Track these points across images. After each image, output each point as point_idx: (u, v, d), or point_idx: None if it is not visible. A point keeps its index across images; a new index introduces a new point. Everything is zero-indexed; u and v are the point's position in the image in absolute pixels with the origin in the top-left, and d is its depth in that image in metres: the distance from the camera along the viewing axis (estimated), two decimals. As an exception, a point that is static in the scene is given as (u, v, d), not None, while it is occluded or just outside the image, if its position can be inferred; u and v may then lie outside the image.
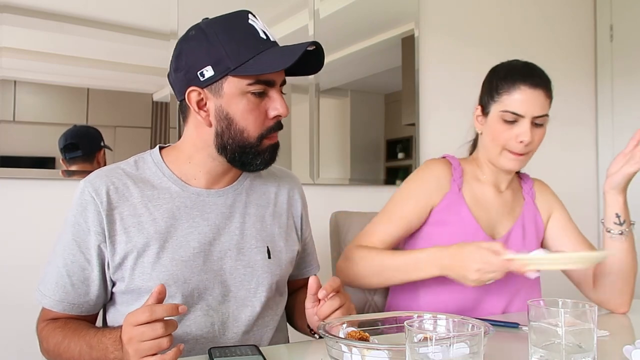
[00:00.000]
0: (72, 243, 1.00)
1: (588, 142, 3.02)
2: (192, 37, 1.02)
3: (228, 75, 0.98)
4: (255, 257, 1.09)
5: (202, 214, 1.05)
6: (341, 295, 0.98)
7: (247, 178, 1.14)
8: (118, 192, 1.01)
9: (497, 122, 1.30)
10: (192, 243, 1.03)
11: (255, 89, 0.99)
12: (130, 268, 1.00)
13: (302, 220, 1.22)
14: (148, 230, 1.00)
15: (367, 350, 0.80)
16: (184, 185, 1.06)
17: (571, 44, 2.94)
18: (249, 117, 1.00)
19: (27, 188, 1.61)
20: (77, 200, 1.01)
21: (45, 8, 1.63)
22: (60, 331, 0.98)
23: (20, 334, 1.56)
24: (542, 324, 0.80)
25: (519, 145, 1.27)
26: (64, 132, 1.67)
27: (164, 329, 0.81)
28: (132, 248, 0.99)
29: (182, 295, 1.01)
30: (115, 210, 1.00)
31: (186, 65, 1.00)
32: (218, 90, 0.99)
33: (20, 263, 1.58)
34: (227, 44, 0.97)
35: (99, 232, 0.99)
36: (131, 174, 1.05)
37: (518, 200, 1.42)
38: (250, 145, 1.02)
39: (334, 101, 2.19)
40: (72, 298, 1.01)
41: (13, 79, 1.59)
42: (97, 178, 1.02)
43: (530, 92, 1.26)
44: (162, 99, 1.81)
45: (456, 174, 1.37)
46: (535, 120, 1.27)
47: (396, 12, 2.33)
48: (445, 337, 0.68)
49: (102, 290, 1.02)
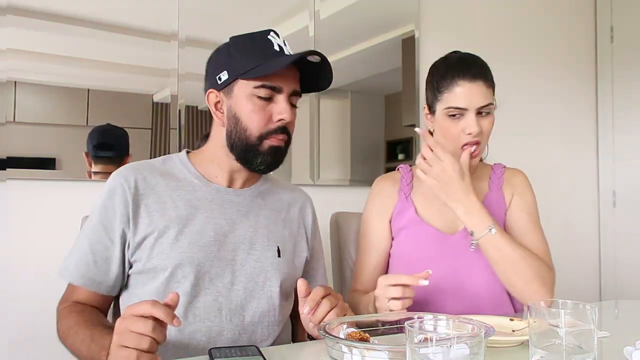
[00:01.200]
0: (99, 224, 1.08)
1: (588, 143, 3.01)
2: (219, 49, 1.16)
3: (238, 79, 1.10)
4: (265, 253, 1.15)
5: (220, 208, 1.14)
6: (331, 297, 1.01)
7: (264, 184, 1.24)
8: (146, 182, 1.11)
9: (443, 119, 1.32)
10: (209, 232, 1.10)
11: (261, 92, 1.09)
12: (150, 248, 1.06)
13: (312, 232, 1.29)
14: (170, 215, 1.09)
15: (367, 351, 0.80)
16: (206, 182, 1.16)
17: (572, 45, 2.94)
18: (253, 117, 1.09)
19: (28, 189, 1.61)
20: (107, 186, 1.10)
21: (46, 9, 1.63)
22: (75, 316, 1.03)
23: (19, 333, 1.56)
24: (542, 325, 0.80)
25: (469, 137, 1.29)
26: (94, 129, 1.69)
27: (152, 328, 0.81)
28: (153, 229, 1.07)
29: (195, 277, 1.07)
30: (141, 198, 1.09)
31: (210, 72, 1.15)
32: (230, 92, 1.12)
33: (21, 263, 1.58)
34: (242, 53, 1.10)
35: (124, 214, 1.07)
36: (159, 168, 1.15)
37: (480, 190, 1.39)
38: (251, 144, 1.11)
39: (334, 102, 2.20)
40: (94, 274, 1.07)
41: (13, 80, 1.59)
42: (127, 169, 1.12)
43: (470, 86, 1.28)
44: (163, 100, 1.81)
45: (404, 182, 1.41)
46: (481, 110, 1.28)
47: (396, 13, 2.33)
48: (446, 338, 0.67)
49: (120, 270, 1.09)
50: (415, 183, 1.40)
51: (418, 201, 1.38)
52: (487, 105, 1.28)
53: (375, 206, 1.41)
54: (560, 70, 2.87)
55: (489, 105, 1.29)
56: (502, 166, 1.47)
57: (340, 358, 0.82)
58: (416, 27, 2.36)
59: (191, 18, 1.83)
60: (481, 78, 1.29)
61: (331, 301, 1.00)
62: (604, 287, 2.99)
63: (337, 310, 1.00)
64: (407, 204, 1.37)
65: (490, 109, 1.30)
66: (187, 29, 1.83)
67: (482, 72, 1.30)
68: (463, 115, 1.28)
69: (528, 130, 2.71)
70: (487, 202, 1.38)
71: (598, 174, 3.02)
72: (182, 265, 1.06)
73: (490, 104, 1.30)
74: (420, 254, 1.33)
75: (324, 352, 0.87)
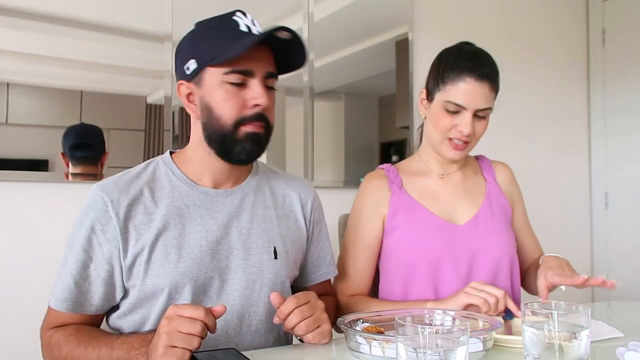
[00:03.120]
0: (85, 245, 1.01)
1: (580, 145, 3.03)
2: (185, 37, 1.08)
3: (207, 67, 1.02)
4: (261, 257, 1.10)
5: (210, 213, 1.07)
6: (305, 308, 0.98)
7: (254, 179, 1.16)
8: (135, 201, 1.03)
9: (439, 110, 1.28)
10: (200, 241, 1.04)
11: (231, 78, 1.01)
12: (143, 271, 1.00)
13: (312, 224, 1.23)
14: (158, 227, 1.02)
15: (386, 343, 0.88)
16: (193, 185, 1.09)
17: (564, 48, 2.96)
18: (226, 105, 1.02)
19: (21, 190, 1.61)
20: (93, 206, 1.01)
21: (38, 10, 1.63)
22: (73, 338, 0.98)
23: (13, 336, 1.55)
24: (536, 326, 0.81)
25: (459, 135, 1.26)
26: (68, 129, 1.66)
27: (202, 329, 0.84)
28: (143, 245, 1.00)
29: (192, 293, 1.02)
30: (129, 219, 1.01)
31: (178, 63, 1.07)
32: (200, 82, 1.04)
33: (12, 263, 1.58)
34: (208, 38, 1.02)
35: (114, 246, 1.00)
36: (144, 177, 1.07)
37: (479, 181, 1.40)
38: (228, 133, 1.03)
39: (328, 104, 2.20)
40: (79, 297, 1.00)
41: (6, 82, 1.58)
42: (116, 191, 1.02)
43: (475, 85, 1.24)
44: (156, 102, 1.81)
45: (391, 175, 1.37)
46: (478, 112, 1.25)
47: (390, 16, 2.33)
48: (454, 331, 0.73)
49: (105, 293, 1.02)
50: (403, 177, 1.37)
51: (413, 192, 1.34)
52: (486, 109, 1.26)
53: (367, 201, 1.36)
54: (552, 72, 2.89)
55: (487, 110, 1.27)
56: (485, 157, 1.47)
57: (366, 351, 0.90)
58: (410, 29, 2.37)
59: (184, 19, 1.83)
60: (488, 80, 1.25)
61: (303, 312, 0.98)
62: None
63: (309, 322, 0.98)
64: (404, 196, 1.33)
65: (487, 113, 1.27)
66: (181, 30, 1.81)
67: (491, 74, 1.27)
68: (460, 112, 1.25)
69: (520, 132, 2.72)
70: (489, 192, 1.37)
71: (590, 175, 3.04)
72: (178, 285, 1.01)
73: (489, 108, 1.27)
74: (430, 241, 1.29)
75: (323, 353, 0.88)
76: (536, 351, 0.80)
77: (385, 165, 1.42)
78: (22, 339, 1.53)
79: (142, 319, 1.04)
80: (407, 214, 1.31)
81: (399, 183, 1.35)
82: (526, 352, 0.82)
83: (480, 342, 0.89)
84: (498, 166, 1.45)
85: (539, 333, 0.80)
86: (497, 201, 1.37)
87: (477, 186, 1.39)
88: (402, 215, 1.32)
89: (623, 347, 0.89)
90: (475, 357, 0.86)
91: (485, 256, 1.28)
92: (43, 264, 1.58)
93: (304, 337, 1.00)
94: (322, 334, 1.01)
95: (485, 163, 1.45)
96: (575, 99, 3.01)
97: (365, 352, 0.90)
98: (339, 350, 1.00)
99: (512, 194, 1.42)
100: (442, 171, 1.37)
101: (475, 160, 1.46)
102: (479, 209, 1.34)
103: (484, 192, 1.38)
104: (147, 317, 1.03)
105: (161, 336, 0.83)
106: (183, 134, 1.84)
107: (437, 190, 1.36)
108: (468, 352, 0.70)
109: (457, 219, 1.33)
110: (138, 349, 0.90)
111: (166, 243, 1.02)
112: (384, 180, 1.36)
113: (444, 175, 1.37)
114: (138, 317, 1.04)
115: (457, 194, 1.36)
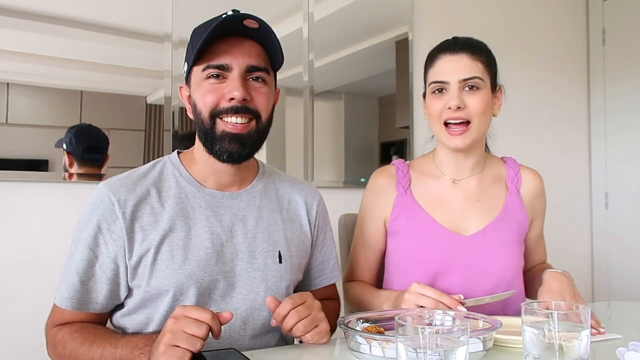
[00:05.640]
0: (91, 244, 1.01)
1: (581, 145, 3.03)
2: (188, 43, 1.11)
3: (193, 67, 1.05)
4: (266, 260, 1.09)
5: (216, 215, 1.07)
6: (301, 309, 0.99)
7: (260, 182, 1.16)
8: (142, 201, 1.03)
9: (429, 98, 1.25)
10: (206, 243, 1.04)
11: (208, 73, 1.03)
12: (149, 272, 1.00)
13: (317, 229, 1.22)
14: (164, 228, 1.02)
15: (386, 343, 0.88)
16: (200, 187, 1.09)
17: (564, 48, 2.96)
18: (205, 100, 1.03)
19: (21, 190, 1.61)
20: (99, 204, 1.01)
21: (38, 10, 1.63)
22: (78, 335, 0.99)
23: (14, 336, 1.55)
24: (536, 326, 0.81)
25: (450, 113, 1.20)
26: (78, 129, 1.66)
27: (206, 331, 0.84)
28: (149, 246, 1.00)
29: (197, 295, 1.02)
30: (136, 219, 1.02)
31: (183, 69, 1.11)
32: (189, 82, 1.08)
33: (12, 263, 1.57)
34: (194, 39, 1.05)
35: (120, 245, 1.00)
36: (151, 177, 1.07)
37: (497, 191, 1.31)
38: (207, 128, 1.03)
39: (328, 104, 2.20)
40: (84, 297, 1.00)
41: (6, 82, 1.58)
42: (123, 190, 1.02)
43: (451, 58, 1.21)
44: (156, 102, 1.81)
45: (401, 174, 1.32)
46: (466, 84, 1.19)
47: (390, 16, 2.33)
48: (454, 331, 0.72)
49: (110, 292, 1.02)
50: (412, 175, 1.32)
51: (419, 195, 1.29)
52: (471, 78, 1.19)
53: (372, 199, 1.34)
54: (552, 72, 2.89)
55: (475, 79, 1.19)
56: (514, 161, 1.36)
57: (366, 351, 0.90)
58: (410, 29, 2.37)
59: (184, 20, 1.83)
60: (465, 51, 1.21)
61: (300, 313, 0.98)
62: (596, 288, 3.00)
63: (306, 322, 0.98)
64: (408, 199, 1.29)
65: (477, 83, 1.20)
66: (181, 30, 1.83)
67: (468, 46, 1.22)
68: (446, 90, 1.21)
69: (520, 131, 2.72)
70: (507, 205, 1.28)
71: (590, 175, 3.04)
72: (183, 286, 1.01)
73: (477, 77, 1.19)
74: (428, 251, 1.24)
75: (322, 353, 0.88)
76: (536, 351, 0.80)
77: (398, 161, 1.37)
78: (22, 338, 1.54)
79: (146, 319, 1.04)
80: (410, 220, 1.28)
81: (407, 184, 1.31)
82: (526, 352, 0.82)
83: (480, 342, 0.89)
84: (527, 175, 1.34)
85: (539, 333, 0.80)
86: (513, 216, 1.28)
87: (493, 196, 1.30)
88: (405, 220, 1.29)
89: (623, 347, 0.89)
90: (475, 357, 0.86)
91: (485, 276, 1.22)
92: (43, 264, 1.58)
93: (303, 337, 1.00)
94: (320, 333, 1.01)
95: (512, 169, 1.34)
96: (575, 99, 3.01)
97: (365, 352, 0.90)
98: (339, 350, 1.00)
99: (534, 209, 1.33)
100: (455, 175, 1.30)
101: (502, 165, 1.36)
102: (489, 222, 1.26)
103: (501, 204, 1.29)
104: (151, 317, 1.03)
105: (165, 334, 0.84)
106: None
107: (447, 196, 1.29)
108: (468, 352, 0.70)
109: (464, 229, 1.26)
110: (141, 349, 0.90)
111: (172, 244, 1.02)
112: (392, 179, 1.32)
113: (456, 180, 1.30)
114: (142, 317, 1.04)
115: (469, 203, 1.28)
